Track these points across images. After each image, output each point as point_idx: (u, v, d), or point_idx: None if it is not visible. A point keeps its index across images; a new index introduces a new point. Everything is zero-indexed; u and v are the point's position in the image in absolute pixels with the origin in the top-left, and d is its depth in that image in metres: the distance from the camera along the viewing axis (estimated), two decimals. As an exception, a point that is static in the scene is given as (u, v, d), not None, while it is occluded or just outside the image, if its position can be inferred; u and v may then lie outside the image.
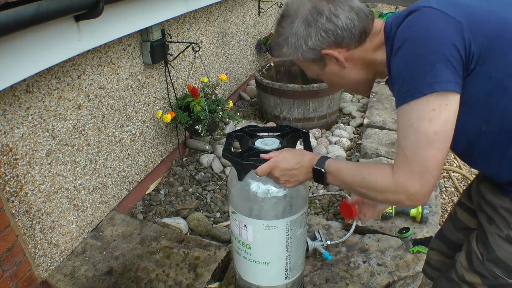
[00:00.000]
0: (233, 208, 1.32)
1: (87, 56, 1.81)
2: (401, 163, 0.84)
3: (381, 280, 1.73)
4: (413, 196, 0.84)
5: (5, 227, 1.51)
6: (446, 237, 1.30)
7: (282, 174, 1.08)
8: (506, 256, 0.94)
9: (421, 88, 0.78)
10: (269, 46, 4.09)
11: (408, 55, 0.80)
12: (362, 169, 0.94)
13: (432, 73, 0.77)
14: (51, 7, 1.24)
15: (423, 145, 0.80)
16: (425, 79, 0.78)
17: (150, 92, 2.35)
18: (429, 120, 0.78)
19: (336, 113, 3.34)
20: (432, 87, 0.77)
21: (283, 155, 1.08)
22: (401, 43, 0.81)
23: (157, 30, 2.21)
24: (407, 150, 0.82)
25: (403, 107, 0.82)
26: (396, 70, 0.83)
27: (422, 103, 0.79)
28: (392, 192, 0.86)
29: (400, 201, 0.87)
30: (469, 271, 1.03)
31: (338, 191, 2.43)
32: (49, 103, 1.64)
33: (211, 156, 2.72)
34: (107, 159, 2.05)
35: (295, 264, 1.41)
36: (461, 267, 1.06)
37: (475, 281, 1.02)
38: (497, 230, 0.96)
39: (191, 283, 1.72)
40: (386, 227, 2.01)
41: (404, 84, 0.81)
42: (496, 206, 0.97)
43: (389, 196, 0.88)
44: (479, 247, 1.00)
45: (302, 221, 1.32)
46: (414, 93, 0.79)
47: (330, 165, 1.00)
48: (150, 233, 2.00)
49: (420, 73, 0.78)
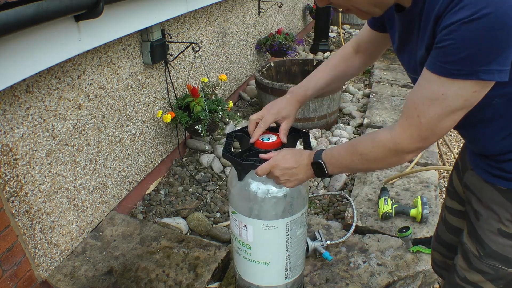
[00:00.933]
0: (233, 208, 1.32)
1: (87, 56, 1.81)
2: (410, 126, 0.82)
3: (381, 280, 1.73)
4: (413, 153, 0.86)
5: (5, 227, 1.51)
6: (441, 238, 1.30)
7: (282, 174, 1.07)
8: (501, 248, 0.95)
9: (479, 73, 0.71)
10: (269, 46, 4.09)
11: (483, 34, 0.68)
12: (357, 146, 0.94)
13: (498, 60, 0.70)
14: (51, 7, 1.24)
15: (444, 117, 0.78)
16: (489, 64, 0.71)
17: (150, 92, 2.35)
18: (465, 100, 0.76)
19: (336, 113, 3.34)
20: (491, 75, 0.72)
21: (282, 154, 1.08)
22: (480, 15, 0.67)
23: (157, 30, 2.21)
24: (424, 118, 0.79)
25: (443, 79, 0.75)
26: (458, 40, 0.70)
27: (469, 85, 0.74)
28: (393, 155, 0.88)
29: (401, 161, 0.89)
30: (470, 271, 1.03)
31: (338, 191, 2.43)
32: (49, 103, 1.64)
33: (211, 156, 2.72)
34: (107, 159, 2.05)
35: (295, 264, 1.41)
36: (461, 269, 1.06)
37: (478, 279, 1.02)
38: (486, 225, 0.97)
39: (191, 283, 1.72)
40: (386, 227, 2.01)
41: (461, 61, 0.72)
42: (484, 201, 0.97)
43: (391, 160, 0.90)
44: (474, 244, 1.01)
45: (302, 221, 1.32)
46: (468, 74, 0.72)
47: (326, 155, 1.01)
48: (150, 233, 2.00)
49: (486, 58, 0.70)
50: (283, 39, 4.07)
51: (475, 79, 0.72)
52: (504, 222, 0.93)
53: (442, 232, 1.29)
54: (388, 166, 0.94)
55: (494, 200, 0.95)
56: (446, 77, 0.74)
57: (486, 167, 0.96)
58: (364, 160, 0.93)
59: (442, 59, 0.74)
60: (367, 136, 0.93)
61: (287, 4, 5.00)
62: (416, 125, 0.81)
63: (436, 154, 2.65)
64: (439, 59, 0.75)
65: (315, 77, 1.23)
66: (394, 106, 3.44)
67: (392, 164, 0.92)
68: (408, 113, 0.83)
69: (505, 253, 0.95)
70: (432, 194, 2.22)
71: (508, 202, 0.92)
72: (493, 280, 1.00)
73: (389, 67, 4.46)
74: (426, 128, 0.80)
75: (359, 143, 0.94)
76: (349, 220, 2.07)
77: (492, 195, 0.95)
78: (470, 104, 0.77)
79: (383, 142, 0.88)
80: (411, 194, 2.23)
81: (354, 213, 2.09)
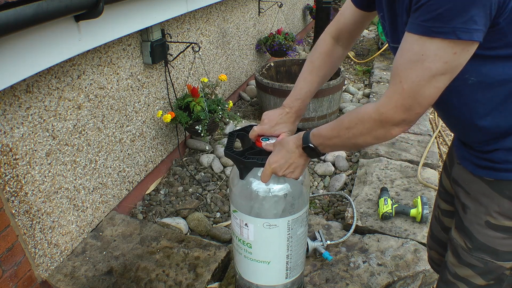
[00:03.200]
0: (234, 206, 1.32)
1: (87, 56, 1.81)
2: (393, 94, 0.81)
3: (381, 280, 1.73)
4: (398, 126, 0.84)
5: (5, 227, 1.50)
6: (437, 237, 1.31)
7: (283, 170, 1.08)
8: (490, 241, 0.95)
9: (458, 31, 0.70)
10: (269, 46, 4.09)
11: None
12: (342, 121, 0.93)
13: (475, 18, 0.70)
14: (51, 7, 1.24)
15: (426, 82, 0.76)
16: (466, 23, 0.70)
17: (150, 92, 2.35)
18: (445, 62, 0.74)
19: (336, 113, 3.34)
20: (470, 34, 0.71)
21: (273, 153, 1.10)
22: None
23: (157, 30, 2.21)
24: (406, 84, 0.77)
25: (422, 39, 0.74)
26: None
27: (448, 45, 0.72)
28: (378, 127, 0.85)
29: (387, 135, 0.87)
30: (460, 266, 1.04)
31: (338, 191, 2.43)
32: (49, 103, 1.64)
33: (211, 156, 2.72)
34: (107, 159, 2.05)
35: (295, 263, 1.41)
36: (451, 265, 1.07)
37: (468, 274, 1.02)
38: (474, 217, 0.97)
39: (191, 283, 1.72)
40: (386, 227, 2.01)
41: (439, 17, 0.71)
42: (472, 193, 0.97)
43: (377, 133, 0.87)
44: (462, 238, 1.01)
45: (303, 220, 1.32)
46: (448, 32, 0.71)
47: (314, 136, 1.00)
48: (150, 233, 2.00)
49: (462, 12, 0.69)
50: (283, 39, 4.07)
51: (454, 38, 0.71)
52: (492, 214, 0.93)
53: (437, 231, 1.30)
54: (376, 140, 0.91)
55: (481, 192, 0.94)
56: (426, 36, 0.73)
57: (472, 158, 0.96)
58: (351, 134, 0.91)
59: (421, 18, 0.74)
60: (353, 110, 0.92)
61: (287, 4, 5.00)
62: (399, 92, 0.79)
63: (436, 154, 2.65)
64: (418, 18, 0.74)
65: (306, 83, 1.22)
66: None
67: (380, 138, 0.89)
68: (392, 81, 0.81)
69: (493, 245, 0.95)
70: (432, 194, 2.22)
71: (496, 193, 0.92)
72: (482, 274, 1.00)
73: (389, 67, 4.46)
74: (408, 95, 0.78)
75: (345, 117, 0.93)
76: (349, 220, 2.07)
77: (479, 187, 0.95)
78: (451, 68, 0.75)
79: (368, 114, 0.86)
80: (411, 194, 2.23)
81: (354, 213, 2.09)
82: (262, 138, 1.21)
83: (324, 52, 1.21)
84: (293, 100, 1.23)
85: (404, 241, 1.91)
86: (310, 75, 1.22)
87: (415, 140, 2.83)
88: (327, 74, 1.24)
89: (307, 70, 1.23)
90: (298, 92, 1.23)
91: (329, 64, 1.22)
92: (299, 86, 1.23)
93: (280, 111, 1.23)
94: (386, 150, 2.69)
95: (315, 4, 5.26)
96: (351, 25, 1.16)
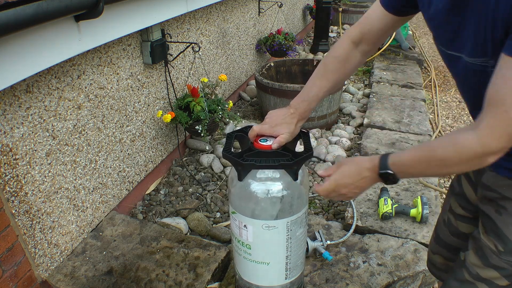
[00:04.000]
0: (233, 208, 1.32)
1: (87, 56, 1.81)
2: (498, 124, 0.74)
3: (381, 280, 1.73)
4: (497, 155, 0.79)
5: (5, 227, 1.51)
6: (444, 241, 1.28)
7: (347, 191, 1.03)
8: None
9: None
10: (269, 46, 4.09)
11: None
12: (435, 152, 0.86)
13: None
14: (51, 7, 1.24)
15: None
16: None
17: (150, 92, 2.35)
18: None
19: (336, 113, 3.34)
20: None
21: (341, 171, 1.03)
22: None
23: (157, 30, 2.21)
24: None
25: None
26: None
27: None
28: (478, 158, 0.80)
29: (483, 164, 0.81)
30: (484, 268, 1.00)
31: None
32: (49, 103, 1.64)
33: (211, 156, 2.72)
34: (107, 159, 2.05)
35: (295, 264, 1.41)
36: (473, 265, 1.03)
37: (493, 276, 0.99)
38: (510, 218, 0.94)
39: (191, 283, 1.72)
40: (386, 227, 2.01)
41: None
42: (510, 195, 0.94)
43: (474, 163, 0.82)
44: (492, 240, 0.98)
45: (302, 221, 1.32)
46: None
47: (395, 164, 0.93)
48: (150, 233, 2.00)
49: None
50: (283, 39, 4.07)
51: None
52: None
53: (445, 236, 1.26)
54: (470, 168, 0.86)
55: None
56: None
57: (508, 165, 0.93)
58: (443, 165, 0.85)
59: None
60: (446, 140, 0.86)
61: (287, 4, 5.00)
62: (505, 121, 0.73)
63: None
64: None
65: (315, 86, 1.18)
66: (394, 106, 3.44)
67: (475, 167, 0.83)
68: (493, 110, 0.74)
69: None
70: (432, 194, 2.22)
71: None
72: (508, 276, 0.97)
73: (389, 67, 4.46)
74: None
75: (437, 148, 0.86)
76: (349, 220, 2.07)
77: None
78: None
79: (469, 146, 0.79)
80: (411, 194, 2.23)
81: (354, 213, 2.09)
82: (260, 139, 1.20)
83: (339, 57, 1.15)
84: (300, 102, 1.19)
85: (404, 241, 1.91)
86: (320, 79, 1.17)
87: (415, 140, 2.83)
88: (340, 80, 1.19)
89: (318, 73, 1.18)
90: (306, 94, 1.19)
91: (343, 70, 1.17)
92: (308, 87, 1.19)
93: (285, 111, 1.20)
94: (386, 150, 2.69)
95: (315, 4, 5.27)
96: (377, 31, 1.09)
